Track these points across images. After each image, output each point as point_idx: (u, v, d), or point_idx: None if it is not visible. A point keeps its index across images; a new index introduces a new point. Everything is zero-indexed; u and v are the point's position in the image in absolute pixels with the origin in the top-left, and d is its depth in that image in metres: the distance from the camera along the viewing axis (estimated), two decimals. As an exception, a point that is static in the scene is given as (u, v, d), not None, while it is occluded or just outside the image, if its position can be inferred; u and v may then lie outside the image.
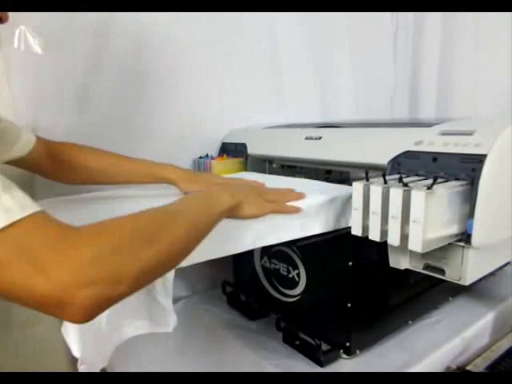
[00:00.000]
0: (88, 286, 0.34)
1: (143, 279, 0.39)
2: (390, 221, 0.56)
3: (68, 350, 0.47)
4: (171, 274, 0.51)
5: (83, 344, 0.46)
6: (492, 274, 0.84)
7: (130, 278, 0.36)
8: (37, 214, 0.36)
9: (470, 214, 0.57)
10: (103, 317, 0.47)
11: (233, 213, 0.56)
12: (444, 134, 0.64)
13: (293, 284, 0.85)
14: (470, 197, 0.57)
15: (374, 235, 0.60)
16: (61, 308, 0.34)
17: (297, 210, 0.62)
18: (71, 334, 0.45)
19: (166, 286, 0.51)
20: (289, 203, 0.63)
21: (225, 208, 0.53)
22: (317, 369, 0.75)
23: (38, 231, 0.35)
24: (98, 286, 0.34)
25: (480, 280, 0.67)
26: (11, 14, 0.53)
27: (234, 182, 0.69)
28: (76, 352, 0.45)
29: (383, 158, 0.69)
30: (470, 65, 1.25)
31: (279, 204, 0.62)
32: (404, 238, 0.56)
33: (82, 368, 0.47)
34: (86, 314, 0.35)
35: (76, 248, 0.35)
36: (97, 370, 0.50)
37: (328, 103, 1.34)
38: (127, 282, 0.36)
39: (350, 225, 0.67)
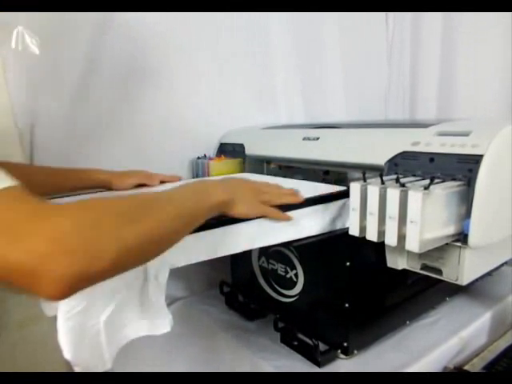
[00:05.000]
0: (64, 256, 0.32)
1: (124, 260, 0.38)
2: (388, 221, 0.57)
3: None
4: (165, 273, 0.51)
5: (77, 347, 0.45)
6: (489, 274, 0.85)
7: (110, 255, 0.35)
8: (12, 187, 0.35)
9: (467, 215, 0.57)
10: (101, 320, 0.47)
11: (224, 209, 0.55)
12: (441, 134, 0.64)
13: (291, 284, 0.86)
14: (466, 197, 0.57)
15: (372, 235, 0.60)
16: (35, 279, 0.32)
17: (287, 218, 0.61)
18: (64, 335, 0.45)
19: (159, 284, 0.51)
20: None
21: (215, 202, 0.53)
22: (315, 369, 0.75)
23: (12, 203, 0.34)
24: (75, 257, 0.33)
25: (477, 280, 0.67)
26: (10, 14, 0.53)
27: (231, 178, 0.64)
28: (67, 354, 0.45)
29: (380, 159, 0.69)
30: (470, 64, 1.25)
31: (271, 210, 0.60)
32: (401, 238, 0.56)
33: (76, 369, 0.47)
34: (61, 289, 0.33)
35: (54, 219, 0.34)
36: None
37: (322, 104, 1.34)
38: (107, 259, 0.35)
39: (346, 226, 0.68)
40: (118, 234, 0.37)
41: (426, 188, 0.53)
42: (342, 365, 0.76)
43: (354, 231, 0.62)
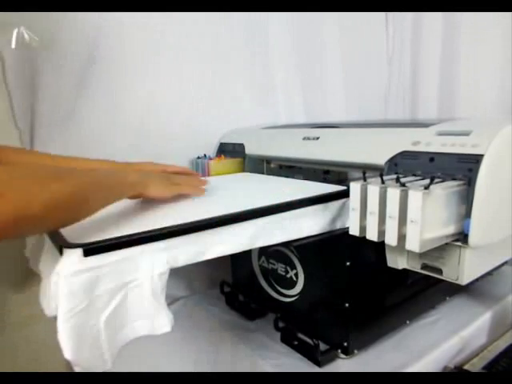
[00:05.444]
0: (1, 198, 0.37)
1: (52, 211, 0.42)
2: (388, 221, 0.57)
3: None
4: (165, 273, 0.51)
5: (77, 347, 0.45)
6: (489, 273, 0.85)
7: (40, 204, 0.40)
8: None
9: (467, 214, 0.57)
10: (101, 320, 0.47)
11: (139, 190, 0.60)
12: (441, 134, 0.64)
13: (291, 284, 0.86)
14: (466, 197, 0.57)
15: (372, 235, 0.60)
16: None
17: (201, 192, 0.70)
18: (64, 335, 0.45)
19: (159, 284, 0.51)
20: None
21: (129, 181, 0.59)
22: (315, 369, 0.75)
23: None
24: (9, 200, 0.37)
25: (477, 280, 0.67)
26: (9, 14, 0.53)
27: (143, 170, 0.75)
28: (67, 354, 0.45)
29: (380, 158, 0.69)
30: (471, 64, 1.25)
31: (185, 186, 0.69)
32: (401, 237, 0.56)
33: (77, 369, 0.47)
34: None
35: None
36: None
37: (322, 104, 1.34)
38: (37, 206, 0.39)
39: (346, 226, 0.68)
40: (47, 186, 0.42)
41: (426, 188, 0.53)
42: (342, 364, 0.76)
43: (354, 231, 0.62)
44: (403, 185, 0.56)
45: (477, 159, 0.56)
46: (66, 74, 0.86)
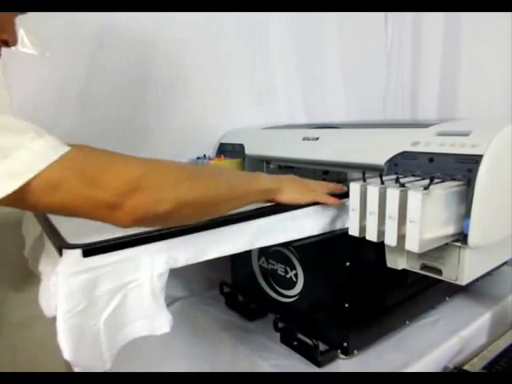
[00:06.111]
0: (137, 193, 0.42)
1: (180, 210, 0.46)
2: (387, 221, 0.57)
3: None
4: (165, 273, 0.51)
5: (77, 347, 0.45)
6: (489, 273, 0.85)
7: (170, 203, 0.44)
8: (78, 146, 0.44)
9: (467, 215, 0.57)
10: (100, 320, 0.47)
11: (272, 196, 0.61)
12: (440, 134, 0.64)
13: (290, 284, 0.86)
14: (466, 197, 0.57)
15: (371, 235, 0.60)
16: (113, 211, 0.41)
17: (335, 201, 0.65)
18: (64, 336, 0.45)
19: (159, 284, 0.51)
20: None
21: (263, 187, 0.60)
22: (314, 369, 0.75)
23: (91, 157, 0.44)
24: (145, 196, 0.42)
25: (477, 280, 0.67)
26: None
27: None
28: (66, 354, 0.45)
29: (380, 159, 0.69)
30: (472, 64, 1.25)
31: (320, 194, 0.65)
32: (401, 238, 0.56)
33: (76, 369, 0.47)
34: (132, 218, 0.42)
35: (127, 167, 0.44)
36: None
37: (322, 104, 1.34)
38: (167, 205, 0.44)
39: (346, 226, 0.68)
40: (179, 186, 0.46)
41: (426, 188, 0.53)
42: (342, 365, 0.76)
43: (354, 231, 0.62)
44: (403, 185, 0.56)
45: (476, 159, 0.56)
46: (68, 73, 0.86)
